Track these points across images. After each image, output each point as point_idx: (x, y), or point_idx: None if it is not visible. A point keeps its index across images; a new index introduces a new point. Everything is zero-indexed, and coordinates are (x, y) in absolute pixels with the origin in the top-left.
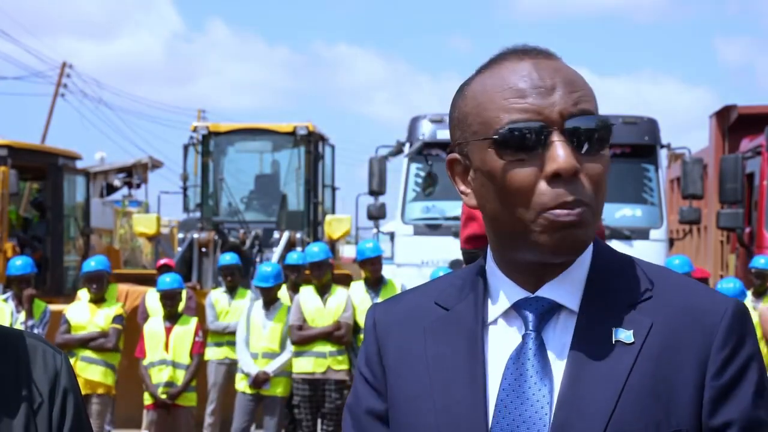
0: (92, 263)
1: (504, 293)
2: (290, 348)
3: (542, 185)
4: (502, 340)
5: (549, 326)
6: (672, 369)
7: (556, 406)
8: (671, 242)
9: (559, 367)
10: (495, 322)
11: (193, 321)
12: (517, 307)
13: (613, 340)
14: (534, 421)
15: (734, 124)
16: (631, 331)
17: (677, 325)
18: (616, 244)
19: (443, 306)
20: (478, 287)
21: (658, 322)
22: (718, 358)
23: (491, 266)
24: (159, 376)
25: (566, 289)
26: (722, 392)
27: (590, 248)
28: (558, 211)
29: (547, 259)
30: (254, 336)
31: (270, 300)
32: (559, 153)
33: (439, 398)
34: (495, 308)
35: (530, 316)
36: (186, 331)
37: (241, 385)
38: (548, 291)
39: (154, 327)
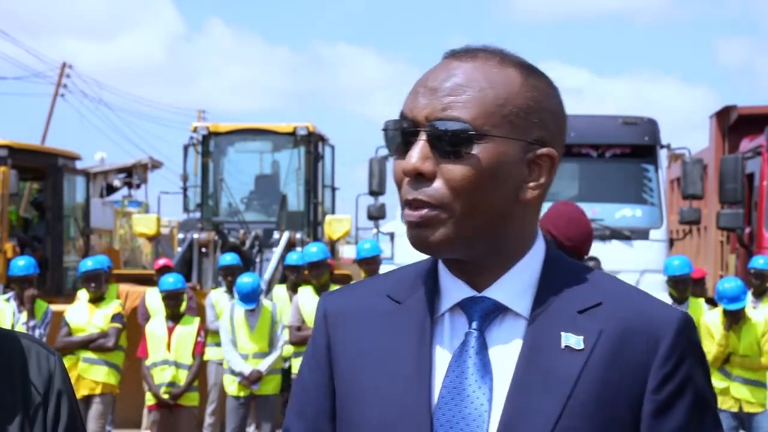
0: (89, 263)
1: (452, 290)
2: (280, 346)
3: (405, 180)
4: (448, 336)
5: (493, 326)
6: (617, 377)
7: (504, 407)
8: (671, 242)
9: (500, 367)
10: (443, 318)
11: (196, 321)
12: (463, 306)
13: (563, 345)
14: (474, 418)
15: (734, 124)
16: (581, 337)
17: (624, 335)
18: (616, 245)
19: (395, 299)
20: (429, 282)
21: (607, 331)
22: (660, 372)
23: (441, 262)
24: (161, 376)
25: (513, 292)
26: (661, 407)
27: (540, 253)
28: (406, 210)
29: (418, 251)
30: (241, 337)
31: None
32: (411, 153)
33: (386, 391)
34: (443, 304)
35: (475, 316)
36: (188, 331)
37: (232, 388)
38: (494, 292)
39: (156, 327)
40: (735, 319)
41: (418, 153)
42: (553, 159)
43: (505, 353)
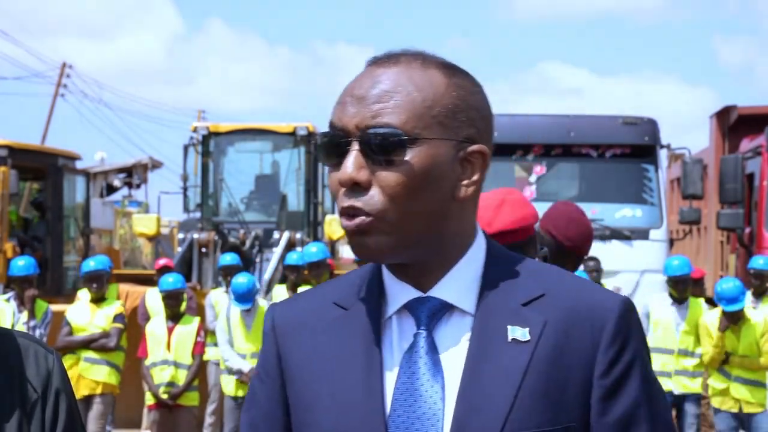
0: (91, 263)
1: (397, 292)
2: None
3: (341, 190)
4: (397, 339)
5: (440, 325)
6: (564, 366)
7: (455, 404)
8: (671, 242)
9: (451, 365)
10: (390, 321)
11: (195, 321)
12: (410, 307)
13: (509, 338)
14: (428, 417)
15: (734, 124)
16: (527, 329)
17: (568, 324)
18: (616, 245)
19: (342, 306)
20: (373, 287)
21: (551, 321)
22: (605, 358)
23: (384, 266)
24: (161, 376)
25: (457, 289)
26: (609, 391)
27: (482, 249)
28: (343, 219)
29: (359, 258)
30: (238, 338)
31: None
32: (346, 164)
33: (339, 398)
34: (390, 308)
35: (422, 316)
36: (188, 331)
37: (229, 387)
38: (439, 291)
39: (156, 327)
40: (734, 320)
41: (352, 163)
42: (485, 155)
43: (455, 351)
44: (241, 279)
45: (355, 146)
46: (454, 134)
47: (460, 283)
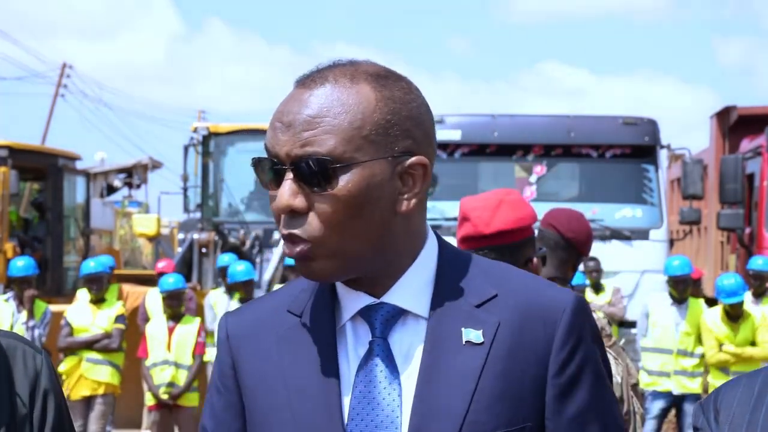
0: (91, 264)
1: (350, 300)
2: None
3: (282, 216)
4: (352, 346)
5: (395, 331)
6: (519, 366)
7: (412, 409)
8: (671, 243)
9: (408, 370)
10: (344, 328)
11: (196, 321)
12: (363, 314)
13: (463, 340)
14: (386, 425)
15: (734, 124)
16: (480, 331)
17: (522, 324)
18: (616, 245)
19: (295, 313)
20: (326, 294)
21: (505, 321)
22: (559, 357)
23: None
24: (161, 376)
25: (410, 294)
26: (563, 391)
27: (434, 252)
28: (286, 244)
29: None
30: None
31: (248, 298)
32: (282, 191)
33: (296, 408)
34: (344, 314)
35: (376, 323)
36: (188, 331)
37: None
38: (392, 296)
39: (156, 327)
40: (734, 315)
41: (288, 190)
42: (425, 166)
43: (410, 356)
44: (239, 267)
45: (289, 174)
46: (389, 151)
47: (412, 288)
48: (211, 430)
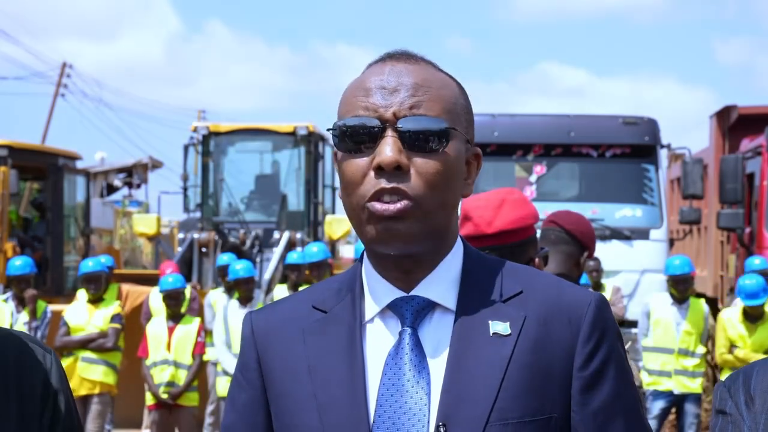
0: (90, 263)
1: (380, 293)
2: None
3: (370, 176)
4: (380, 338)
5: (424, 323)
6: (545, 359)
7: (441, 397)
8: (671, 242)
9: (436, 361)
10: (372, 321)
11: (196, 321)
12: (394, 306)
13: (491, 332)
14: (414, 412)
15: (734, 124)
16: (507, 323)
17: (547, 319)
18: (616, 245)
19: (321, 309)
20: (354, 288)
21: (531, 316)
22: (584, 351)
23: (367, 266)
24: (161, 376)
25: (440, 288)
26: (588, 383)
27: (460, 249)
28: (377, 205)
29: (379, 249)
30: (236, 339)
31: (248, 297)
32: (385, 148)
33: (321, 397)
34: (372, 308)
35: (407, 314)
36: (188, 331)
37: (225, 389)
38: (422, 290)
39: (156, 327)
40: (754, 316)
41: (392, 147)
42: (480, 158)
43: (439, 347)
44: (239, 265)
45: (392, 133)
46: (467, 134)
47: (442, 282)
48: (234, 423)
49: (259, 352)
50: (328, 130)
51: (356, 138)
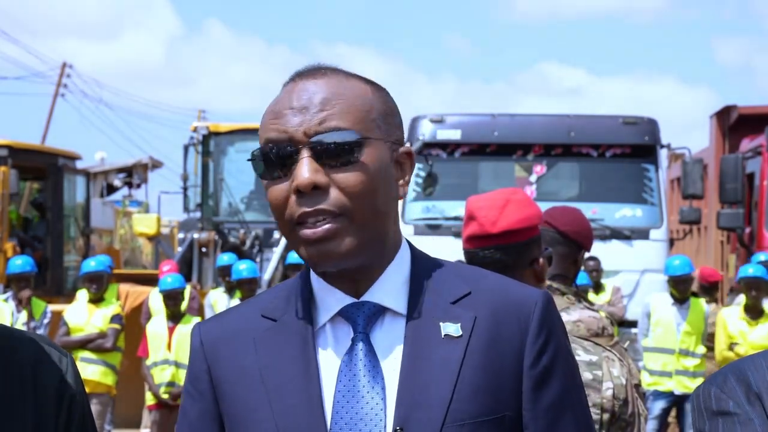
0: (92, 263)
1: (330, 299)
2: None
3: (292, 200)
4: (333, 345)
5: (376, 328)
6: (497, 358)
7: (396, 400)
8: (671, 242)
9: (389, 365)
10: (323, 328)
11: (196, 321)
12: (345, 313)
13: (442, 334)
14: (371, 417)
15: (734, 124)
16: (458, 325)
17: (497, 318)
18: (616, 245)
19: (270, 317)
20: (303, 296)
21: (481, 316)
22: (534, 348)
23: (314, 274)
24: (161, 376)
25: (389, 292)
26: (539, 380)
27: (407, 252)
28: (305, 230)
29: (318, 270)
30: None
31: (250, 297)
32: (301, 170)
33: (276, 405)
34: (323, 315)
35: (359, 320)
36: (188, 331)
37: None
38: (372, 295)
39: (156, 327)
40: (755, 314)
41: (307, 168)
42: (411, 155)
43: (392, 351)
44: (243, 265)
45: (306, 153)
46: (388, 137)
47: (392, 286)
48: None
49: (209, 363)
50: (248, 160)
51: (271, 164)
